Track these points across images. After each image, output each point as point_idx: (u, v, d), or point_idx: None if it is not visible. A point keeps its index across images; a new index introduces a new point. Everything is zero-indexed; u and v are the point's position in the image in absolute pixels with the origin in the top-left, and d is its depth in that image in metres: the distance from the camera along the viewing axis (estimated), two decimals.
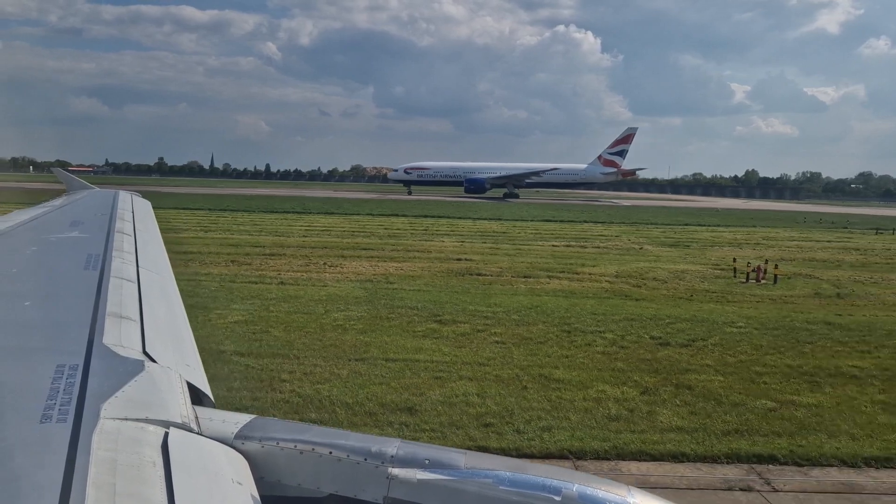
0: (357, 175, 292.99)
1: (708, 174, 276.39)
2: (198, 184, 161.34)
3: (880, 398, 14.09)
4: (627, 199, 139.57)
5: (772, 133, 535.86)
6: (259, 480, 2.62)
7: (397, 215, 63.60)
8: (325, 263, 29.51)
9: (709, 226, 63.70)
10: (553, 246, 40.91)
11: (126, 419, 2.46)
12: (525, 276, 27.86)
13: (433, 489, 2.69)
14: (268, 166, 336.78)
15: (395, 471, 2.72)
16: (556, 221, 63.04)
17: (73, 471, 2.03)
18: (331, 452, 2.78)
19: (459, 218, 62.62)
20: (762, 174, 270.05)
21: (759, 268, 28.84)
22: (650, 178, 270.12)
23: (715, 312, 21.79)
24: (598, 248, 40.89)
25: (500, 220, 62.92)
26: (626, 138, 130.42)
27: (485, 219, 63.27)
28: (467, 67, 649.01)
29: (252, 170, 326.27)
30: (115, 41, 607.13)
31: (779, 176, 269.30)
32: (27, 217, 8.51)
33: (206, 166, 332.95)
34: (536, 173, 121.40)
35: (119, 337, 3.42)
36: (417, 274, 27.53)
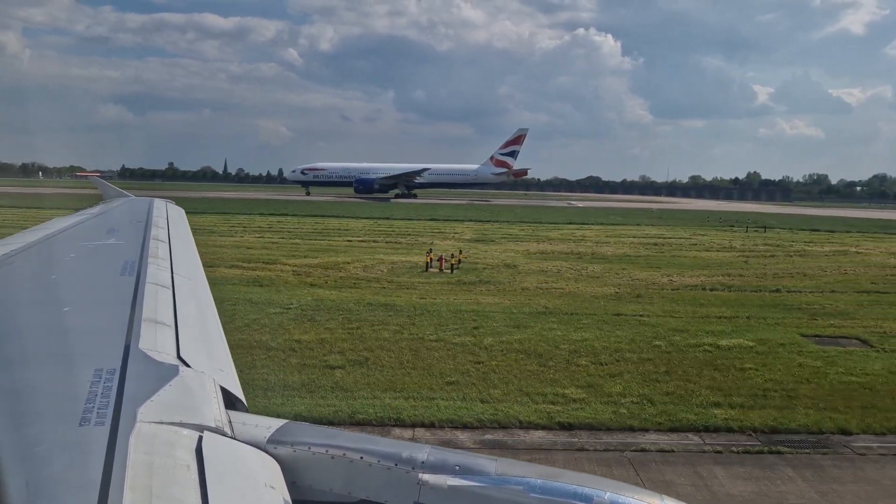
0: None
1: (728, 176, 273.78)
2: (183, 188, 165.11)
3: None
4: (595, 200, 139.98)
5: (796, 135, 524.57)
6: (291, 485, 2.66)
7: (274, 214, 65.86)
8: None
9: (585, 224, 64.45)
10: (348, 241, 42.52)
11: (161, 423, 2.53)
12: (209, 266, 29.55)
13: (463, 496, 2.69)
14: (280, 171, 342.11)
15: (426, 477, 2.73)
16: (419, 220, 64.68)
17: (111, 473, 2.10)
18: (361, 458, 2.81)
19: (329, 216, 64.74)
20: (774, 177, 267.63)
21: (441, 258, 30.19)
22: (649, 181, 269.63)
23: (304, 296, 23.28)
24: (391, 243, 42.34)
25: (368, 218, 64.79)
26: (517, 139, 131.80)
27: (352, 217, 65.39)
28: (487, 71, 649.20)
29: (265, 175, 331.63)
30: (141, 49, 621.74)
31: (780, 178, 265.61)
32: (66, 224, 8.88)
33: (220, 171, 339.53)
34: (418, 173, 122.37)
35: (154, 342, 3.52)
36: None
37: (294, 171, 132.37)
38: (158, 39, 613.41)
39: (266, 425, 2.95)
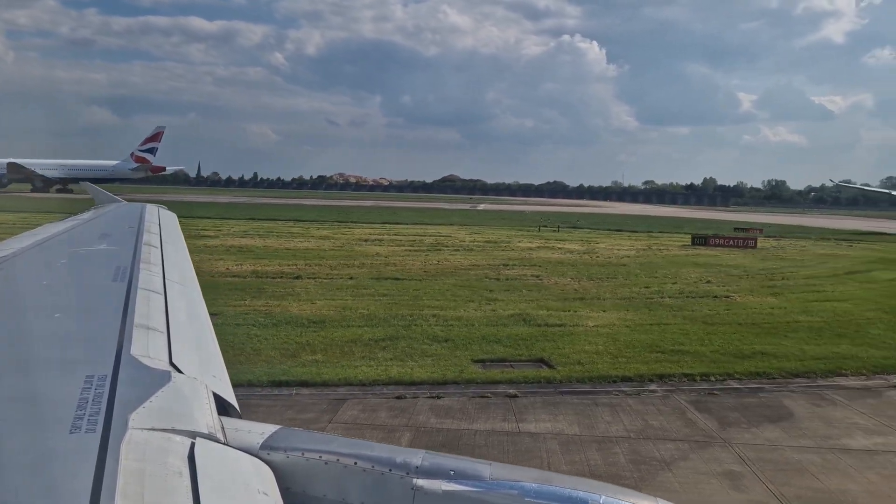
0: (329, 184, 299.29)
1: (686, 181, 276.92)
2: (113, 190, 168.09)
3: None
4: (508, 204, 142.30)
5: (780, 142, 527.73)
6: (284, 491, 2.65)
7: None
8: None
9: (396, 224, 66.67)
10: None
11: (153, 429, 2.52)
12: None
13: (458, 500, 2.71)
14: (255, 174, 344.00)
15: (420, 482, 2.74)
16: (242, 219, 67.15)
17: (102, 480, 2.09)
18: (356, 463, 2.80)
19: None
20: (731, 182, 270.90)
21: None
22: (620, 185, 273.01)
23: None
24: None
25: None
26: (156, 136, 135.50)
27: None
28: (474, 77, 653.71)
29: (238, 178, 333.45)
30: (125, 52, 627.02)
31: (735, 184, 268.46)
32: (58, 230, 8.83)
33: (193, 175, 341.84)
34: (19, 168, 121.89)
35: (146, 348, 3.50)
36: None
37: None
38: (143, 42, 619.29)
39: (259, 431, 2.94)
